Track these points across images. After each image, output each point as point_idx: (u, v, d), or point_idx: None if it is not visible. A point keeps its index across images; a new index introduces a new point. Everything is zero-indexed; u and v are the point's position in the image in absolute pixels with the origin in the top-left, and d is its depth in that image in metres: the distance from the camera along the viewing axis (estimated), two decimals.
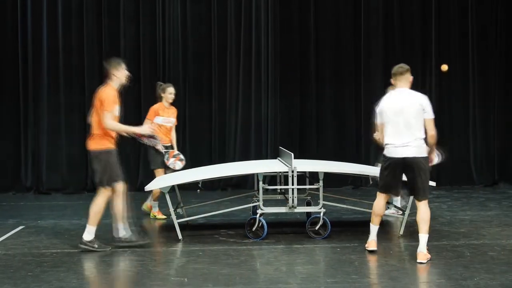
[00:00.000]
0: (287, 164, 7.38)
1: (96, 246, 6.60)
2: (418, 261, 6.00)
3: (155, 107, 8.62)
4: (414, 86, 12.55)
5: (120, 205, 6.70)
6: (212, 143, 11.72)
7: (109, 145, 6.62)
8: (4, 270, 5.90)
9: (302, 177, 7.77)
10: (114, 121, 6.56)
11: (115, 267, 5.95)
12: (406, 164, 6.17)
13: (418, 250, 6.08)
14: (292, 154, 7.24)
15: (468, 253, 6.40)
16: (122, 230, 6.75)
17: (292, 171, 7.08)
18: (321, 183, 7.12)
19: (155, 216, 8.58)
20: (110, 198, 6.66)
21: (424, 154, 6.18)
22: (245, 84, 11.76)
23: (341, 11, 11.94)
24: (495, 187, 11.82)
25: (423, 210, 6.14)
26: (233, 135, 11.73)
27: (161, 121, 8.58)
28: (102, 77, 11.21)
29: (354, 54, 11.92)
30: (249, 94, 11.76)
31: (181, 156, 8.61)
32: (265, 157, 11.47)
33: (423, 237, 6.09)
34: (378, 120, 6.45)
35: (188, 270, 5.85)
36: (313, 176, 7.69)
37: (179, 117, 11.53)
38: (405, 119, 6.19)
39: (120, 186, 6.67)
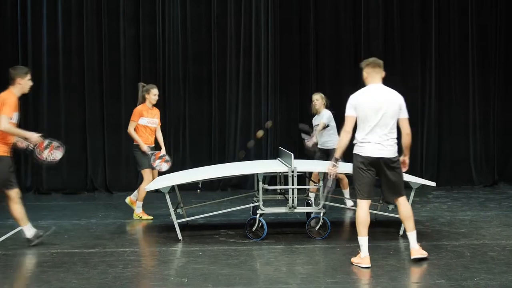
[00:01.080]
0: (287, 164, 7.38)
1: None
2: (412, 257, 6.02)
3: (139, 108, 8.63)
4: (415, 86, 12.54)
5: (18, 209, 6.76)
6: (212, 143, 11.72)
7: (3, 152, 6.63)
8: (3, 270, 5.90)
9: (302, 177, 7.77)
10: (10, 125, 6.58)
11: (115, 268, 5.95)
12: (381, 164, 5.96)
13: (411, 247, 6.08)
14: (292, 154, 7.24)
15: (468, 253, 6.40)
16: (29, 230, 6.88)
17: (292, 171, 7.07)
18: (321, 183, 7.12)
19: (140, 217, 8.57)
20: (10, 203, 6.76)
21: (397, 154, 6.02)
22: (245, 84, 11.76)
23: (341, 12, 11.94)
24: (495, 187, 11.82)
25: (405, 207, 6.09)
26: (233, 135, 11.73)
27: (146, 122, 8.61)
28: (102, 77, 11.42)
29: (354, 55, 11.91)
30: (249, 94, 11.77)
31: (167, 158, 8.63)
32: (265, 157, 11.47)
33: (412, 234, 6.07)
34: (351, 113, 6.00)
35: (188, 270, 5.85)
36: None
37: (178, 117, 11.64)
38: (383, 118, 5.93)
39: (14, 192, 6.73)
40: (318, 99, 9.45)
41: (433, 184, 7.66)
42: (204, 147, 11.73)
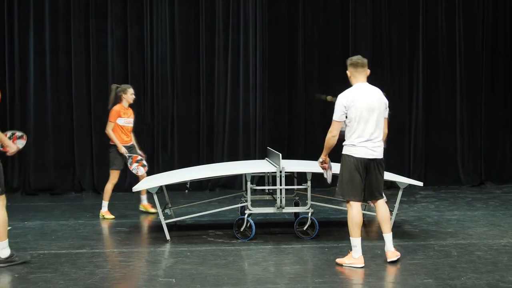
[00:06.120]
0: (275, 165, 7.39)
1: (16, 259, 6.08)
2: (388, 260, 6.00)
3: (116, 108, 8.68)
4: (402, 85, 12.56)
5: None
6: (200, 143, 11.69)
7: None
8: None
9: (290, 178, 7.79)
10: None
11: (102, 268, 5.93)
12: (371, 165, 5.96)
13: (386, 249, 6.07)
14: (280, 155, 7.25)
15: (455, 253, 6.44)
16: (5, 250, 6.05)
17: (280, 172, 7.08)
18: (309, 183, 7.13)
19: (103, 216, 8.63)
20: None
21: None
22: (233, 84, 11.73)
23: (330, 10, 11.93)
24: (481, 187, 11.86)
25: (385, 208, 6.10)
26: (221, 135, 11.71)
27: (123, 123, 8.70)
28: (90, 78, 11.36)
29: (342, 53, 11.91)
30: (237, 94, 11.74)
31: (144, 162, 8.70)
32: (254, 157, 11.46)
33: (389, 236, 6.05)
34: (342, 115, 5.91)
35: (176, 271, 5.84)
36: (301, 177, 7.70)
37: (167, 117, 11.60)
38: (376, 118, 5.92)
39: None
40: None
41: (421, 184, 7.69)
42: (192, 147, 11.69)
